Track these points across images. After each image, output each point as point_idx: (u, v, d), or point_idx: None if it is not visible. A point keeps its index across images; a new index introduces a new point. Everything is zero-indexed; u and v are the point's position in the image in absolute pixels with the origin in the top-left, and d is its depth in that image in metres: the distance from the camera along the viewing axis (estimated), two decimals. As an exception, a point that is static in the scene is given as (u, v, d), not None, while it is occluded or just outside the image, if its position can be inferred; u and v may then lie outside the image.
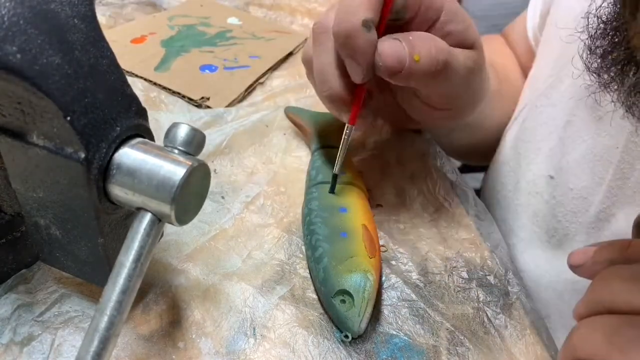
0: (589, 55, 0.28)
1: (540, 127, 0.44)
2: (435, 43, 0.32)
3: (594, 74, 0.28)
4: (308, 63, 0.37)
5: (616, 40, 0.26)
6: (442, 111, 0.39)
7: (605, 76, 0.28)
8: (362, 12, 0.31)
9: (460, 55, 0.34)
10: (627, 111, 0.27)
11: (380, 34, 0.32)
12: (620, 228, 0.37)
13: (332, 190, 0.37)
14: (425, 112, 0.39)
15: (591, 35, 0.28)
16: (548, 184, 0.42)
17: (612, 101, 0.28)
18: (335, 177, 0.36)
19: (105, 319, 0.24)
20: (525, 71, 0.56)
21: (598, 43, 0.28)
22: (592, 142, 0.39)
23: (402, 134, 0.45)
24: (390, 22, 0.33)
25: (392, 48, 0.31)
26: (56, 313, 0.30)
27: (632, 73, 0.26)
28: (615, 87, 0.27)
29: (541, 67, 0.47)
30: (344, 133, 0.36)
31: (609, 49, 0.27)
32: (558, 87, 0.43)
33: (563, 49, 0.43)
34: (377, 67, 0.32)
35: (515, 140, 0.47)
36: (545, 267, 0.43)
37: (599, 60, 0.28)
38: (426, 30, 0.34)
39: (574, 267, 0.29)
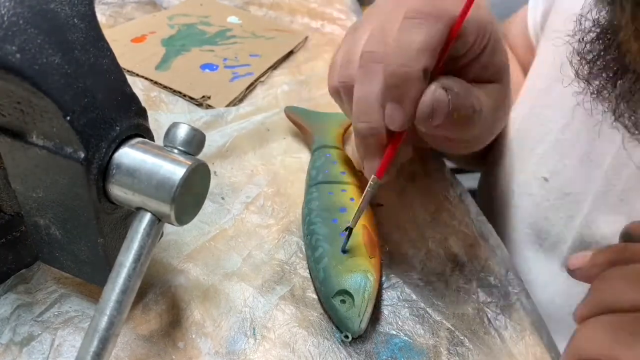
0: (578, 61, 0.27)
1: (537, 127, 0.44)
2: (473, 96, 0.31)
3: (583, 81, 0.27)
4: (345, 88, 0.33)
5: (606, 44, 0.25)
6: (461, 143, 0.37)
7: (596, 82, 0.26)
8: (423, 59, 0.28)
9: (486, 100, 0.32)
10: (616, 120, 0.26)
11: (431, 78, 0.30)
12: (602, 235, 0.37)
13: (343, 250, 0.33)
14: (443, 145, 0.37)
15: (582, 39, 0.27)
16: (541, 186, 0.42)
17: (605, 111, 0.26)
18: (350, 230, 0.33)
19: (105, 319, 0.24)
20: (524, 69, 0.55)
21: (589, 47, 0.26)
22: (588, 147, 0.39)
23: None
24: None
25: (443, 102, 0.29)
26: (56, 313, 0.30)
27: (622, 80, 0.24)
28: (607, 94, 0.26)
29: (540, 66, 0.47)
30: (368, 185, 0.32)
31: (600, 54, 0.26)
32: (557, 87, 0.43)
33: (563, 49, 0.42)
34: (420, 115, 0.29)
35: (510, 140, 0.47)
36: (537, 270, 0.43)
37: (588, 66, 0.26)
38: (468, 63, 0.32)
39: (572, 271, 0.29)
